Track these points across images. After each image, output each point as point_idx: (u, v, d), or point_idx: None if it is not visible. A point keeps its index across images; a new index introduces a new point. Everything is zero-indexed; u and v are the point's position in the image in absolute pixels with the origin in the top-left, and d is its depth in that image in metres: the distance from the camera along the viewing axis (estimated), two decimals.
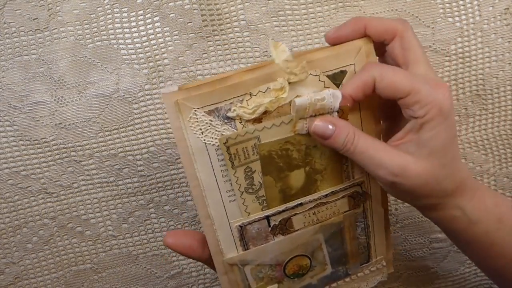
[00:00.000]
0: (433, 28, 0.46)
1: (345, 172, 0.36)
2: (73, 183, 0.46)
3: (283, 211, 0.35)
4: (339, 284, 0.40)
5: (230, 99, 0.31)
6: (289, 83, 0.31)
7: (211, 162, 0.33)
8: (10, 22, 0.44)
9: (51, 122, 0.45)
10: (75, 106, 0.45)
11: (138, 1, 0.44)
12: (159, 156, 0.46)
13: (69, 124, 0.45)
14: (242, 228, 0.35)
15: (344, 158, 0.35)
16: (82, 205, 0.47)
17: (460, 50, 0.46)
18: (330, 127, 0.32)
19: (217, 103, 0.31)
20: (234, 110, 0.32)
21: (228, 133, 0.32)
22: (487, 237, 0.34)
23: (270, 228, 0.35)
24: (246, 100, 0.31)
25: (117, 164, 0.46)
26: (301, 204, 0.35)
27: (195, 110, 0.31)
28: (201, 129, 0.32)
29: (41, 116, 0.45)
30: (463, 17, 0.46)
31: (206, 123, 0.31)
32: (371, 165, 0.32)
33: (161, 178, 0.47)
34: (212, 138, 0.32)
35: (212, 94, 0.31)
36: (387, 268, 0.41)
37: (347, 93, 0.32)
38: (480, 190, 0.34)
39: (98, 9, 0.44)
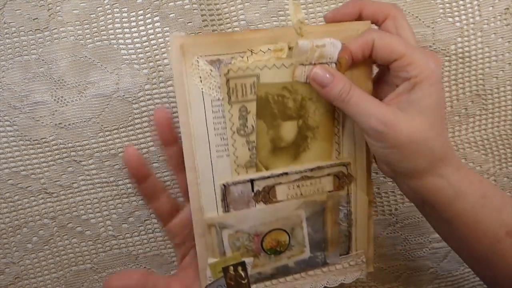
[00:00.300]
0: (433, 28, 0.46)
1: (336, 136, 0.37)
2: (73, 183, 0.46)
3: (268, 177, 0.36)
4: (316, 273, 0.40)
5: (232, 53, 0.33)
6: (289, 48, 0.33)
7: (205, 112, 0.34)
8: (10, 22, 0.44)
9: (51, 122, 0.45)
10: (75, 106, 0.45)
11: (138, 1, 0.44)
12: (159, 156, 0.46)
13: (69, 124, 0.45)
14: (225, 188, 0.35)
15: (336, 120, 0.36)
16: (82, 205, 0.47)
17: (460, 50, 0.46)
18: (328, 76, 0.33)
19: (219, 54, 0.33)
20: (234, 63, 0.33)
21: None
22: (472, 212, 0.34)
23: (253, 194, 0.36)
24: (247, 56, 0.33)
25: (117, 164, 0.46)
26: (286, 173, 0.36)
27: (197, 58, 0.32)
28: (200, 77, 0.33)
29: (41, 116, 0.45)
30: (463, 17, 0.46)
31: (206, 72, 0.33)
32: (362, 115, 0.33)
33: (161, 178, 0.47)
34: (210, 88, 0.33)
35: (217, 45, 0.32)
36: (367, 266, 0.41)
37: (347, 48, 0.34)
38: (464, 166, 0.35)
39: (98, 9, 0.44)
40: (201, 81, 0.33)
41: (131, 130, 0.46)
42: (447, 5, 0.46)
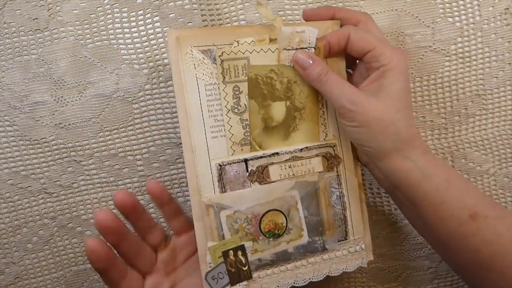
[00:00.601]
0: (433, 28, 0.46)
1: (322, 117, 0.40)
2: (73, 183, 0.46)
3: (261, 157, 0.39)
4: (316, 261, 0.41)
5: (221, 44, 0.38)
6: (270, 40, 0.38)
7: (199, 96, 0.37)
8: (10, 22, 0.44)
9: (51, 122, 0.45)
10: (75, 106, 0.45)
11: (138, 1, 0.44)
12: (159, 156, 0.46)
13: (69, 124, 0.45)
14: (221, 168, 0.38)
15: (320, 103, 0.40)
16: (82, 205, 0.47)
17: (460, 50, 0.46)
18: (308, 59, 0.38)
19: (210, 45, 0.37)
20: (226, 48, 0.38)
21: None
22: (437, 194, 0.37)
23: (247, 173, 0.38)
24: (234, 46, 0.38)
25: (117, 164, 0.46)
26: (277, 153, 0.39)
27: (191, 47, 0.37)
28: (194, 64, 0.37)
29: (41, 116, 0.45)
30: (463, 17, 0.46)
31: (199, 59, 0.37)
32: (336, 95, 0.37)
33: (161, 178, 0.47)
34: (203, 74, 0.37)
35: (208, 37, 0.37)
36: (367, 254, 0.42)
37: (325, 37, 0.39)
38: (431, 152, 0.38)
39: (98, 9, 0.44)
40: (195, 68, 0.37)
41: (131, 130, 0.46)
42: (447, 5, 0.46)
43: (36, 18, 0.44)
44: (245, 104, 0.38)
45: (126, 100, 0.45)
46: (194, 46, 0.37)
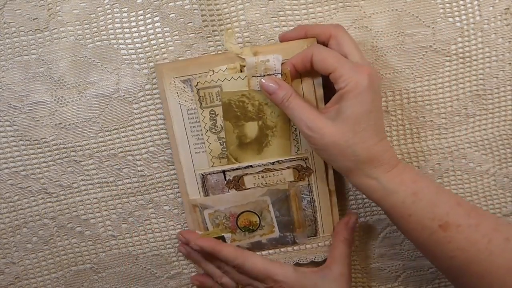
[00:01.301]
0: (433, 28, 0.46)
1: (294, 134, 0.44)
2: (73, 183, 0.46)
3: (236, 169, 0.44)
4: (288, 250, 0.47)
5: (198, 73, 0.42)
6: (241, 66, 0.42)
7: (183, 119, 0.43)
8: (10, 22, 0.44)
9: (51, 122, 0.45)
10: (75, 106, 0.45)
11: (138, 1, 0.44)
12: (159, 156, 0.46)
13: (69, 124, 0.45)
14: (204, 177, 0.45)
15: (291, 121, 0.42)
16: (82, 205, 0.47)
17: (460, 50, 0.46)
18: (273, 84, 0.40)
19: (189, 75, 0.42)
20: (201, 77, 0.42)
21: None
22: (403, 207, 0.38)
23: (225, 182, 0.45)
24: (209, 75, 0.42)
25: (117, 164, 0.46)
26: (251, 166, 0.44)
27: (174, 78, 0.42)
28: (177, 93, 0.43)
29: (41, 116, 0.45)
30: (463, 17, 0.46)
31: (181, 88, 0.43)
32: (297, 120, 0.39)
33: (161, 178, 0.47)
34: (185, 100, 0.43)
35: (187, 68, 0.42)
36: None
37: (290, 61, 0.41)
38: (399, 167, 0.39)
39: (98, 9, 0.44)
40: (178, 96, 0.43)
41: (131, 130, 0.46)
42: (447, 5, 0.46)
43: (36, 18, 0.44)
44: (221, 125, 0.43)
45: (126, 100, 0.45)
46: (176, 77, 0.42)
